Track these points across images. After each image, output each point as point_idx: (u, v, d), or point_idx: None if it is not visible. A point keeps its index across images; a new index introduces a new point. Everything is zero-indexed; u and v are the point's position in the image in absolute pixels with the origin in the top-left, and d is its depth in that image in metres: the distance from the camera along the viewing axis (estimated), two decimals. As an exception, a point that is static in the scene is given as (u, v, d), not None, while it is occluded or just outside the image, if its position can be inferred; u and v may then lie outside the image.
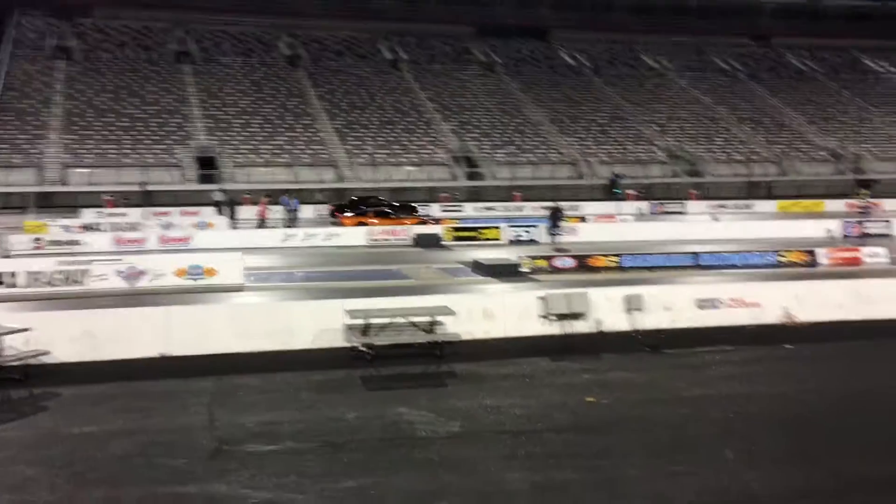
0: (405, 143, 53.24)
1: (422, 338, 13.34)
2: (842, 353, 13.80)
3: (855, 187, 44.08)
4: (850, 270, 23.13)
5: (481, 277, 21.78)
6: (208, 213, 36.47)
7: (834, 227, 32.42)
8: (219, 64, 59.75)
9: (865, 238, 30.74)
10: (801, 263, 24.32)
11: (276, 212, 35.33)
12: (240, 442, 9.34)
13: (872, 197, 41.69)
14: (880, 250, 25.19)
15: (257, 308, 16.27)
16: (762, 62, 75.16)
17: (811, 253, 24.77)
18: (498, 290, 19.01)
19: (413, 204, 37.75)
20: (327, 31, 66.44)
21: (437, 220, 35.77)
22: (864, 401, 10.96)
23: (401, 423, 10.12)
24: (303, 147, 50.81)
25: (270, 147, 50.19)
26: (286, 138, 51.38)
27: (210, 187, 41.62)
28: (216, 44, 62.64)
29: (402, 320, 13.46)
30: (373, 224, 32.52)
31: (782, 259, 24.48)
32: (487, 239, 30.88)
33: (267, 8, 64.65)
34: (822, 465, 8.65)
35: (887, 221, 34.31)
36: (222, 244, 26.94)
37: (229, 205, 35.49)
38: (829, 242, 28.06)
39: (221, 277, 20.09)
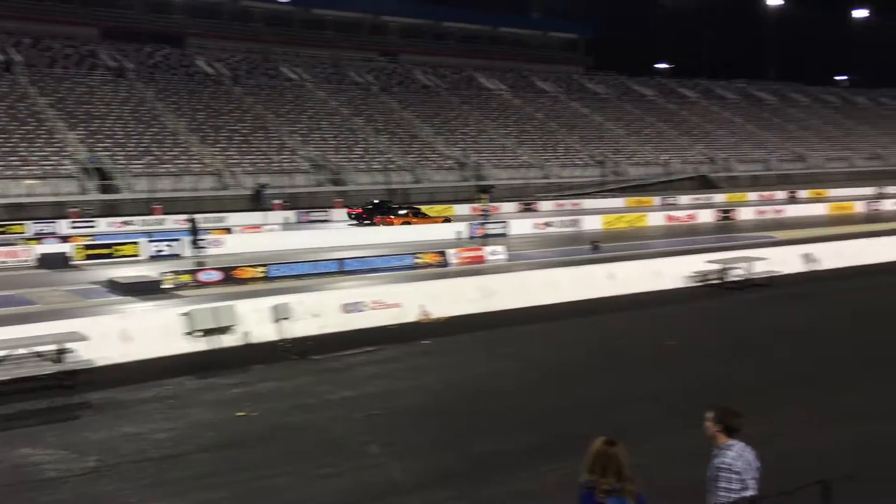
0: (24, 154, 47.72)
1: (49, 368, 12.06)
2: (474, 343, 15.21)
3: (477, 193, 48.86)
4: (476, 268, 25.62)
5: (119, 297, 20.32)
6: None
7: (462, 229, 35.70)
8: None
9: (487, 238, 34.26)
10: (434, 264, 26.37)
11: None
12: None
13: (492, 201, 46.54)
14: (499, 249, 28.26)
15: None
16: (393, 77, 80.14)
17: (442, 254, 27.00)
18: (137, 310, 17.89)
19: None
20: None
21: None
22: (490, 384, 12.19)
23: (25, 465, 9.06)
24: None
25: None
26: None
27: None
28: None
29: (23, 351, 12.05)
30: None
31: (419, 261, 26.33)
32: (125, 256, 28.89)
33: None
34: (456, 448, 9.44)
35: (504, 223, 38.63)
36: None
37: None
38: (458, 243, 30.86)
39: None
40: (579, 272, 20.61)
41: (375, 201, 44.03)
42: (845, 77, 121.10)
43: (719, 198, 60.59)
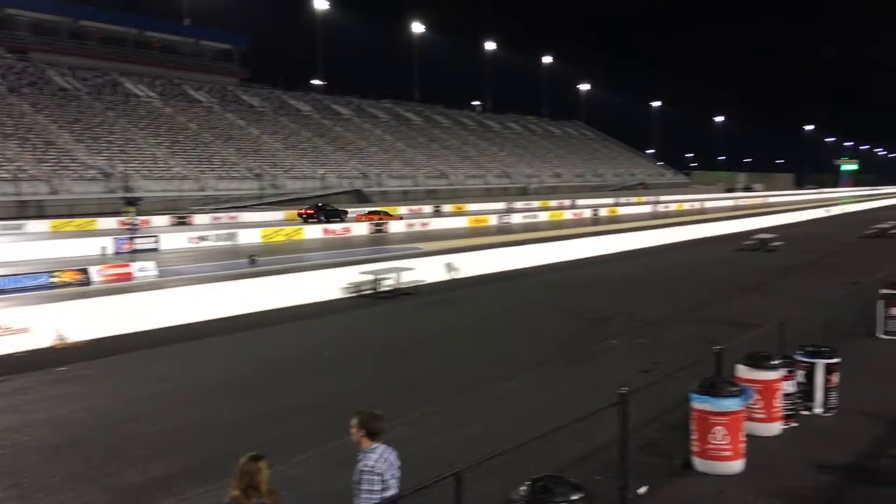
0: None
1: None
2: (119, 366, 14.09)
3: (124, 205, 45.71)
4: (123, 286, 23.90)
5: None
6: None
7: (107, 244, 33.10)
8: None
9: (136, 254, 32.19)
10: (74, 282, 24.09)
11: None
12: None
13: (140, 214, 43.87)
14: (150, 265, 26.69)
15: None
16: (23, 76, 72.06)
17: (84, 271, 24.78)
18: None
19: None
20: None
21: None
22: (139, 408, 11.40)
23: None
24: None
25: None
26: None
27: None
28: None
29: None
30: None
31: (55, 280, 23.86)
32: None
33: None
34: (97, 481, 8.66)
35: (155, 237, 36.60)
36: None
37: None
38: (102, 260, 28.53)
39: None
40: (234, 286, 20.22)
41: (319, 204, 54.49)
42: (479, 102, 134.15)
43: (373, 211, 63.41)
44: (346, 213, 53.51)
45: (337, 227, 46.85)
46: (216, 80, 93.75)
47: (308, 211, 52.21)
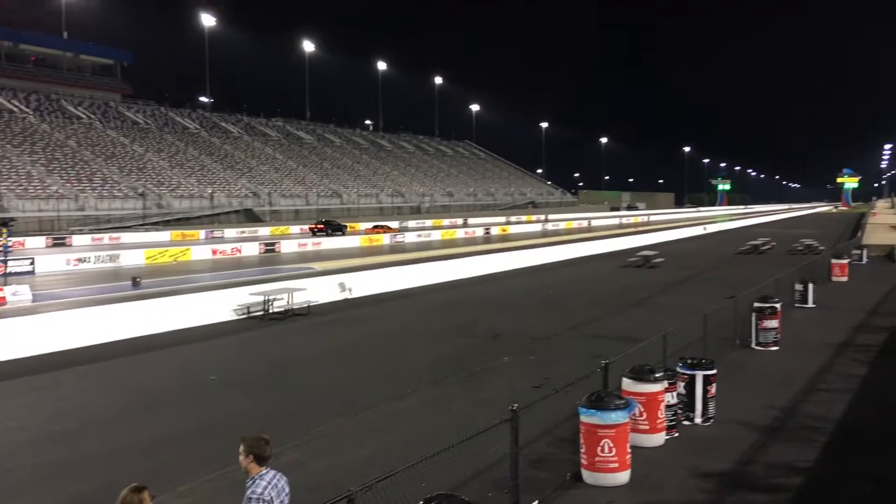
0: None
1: None
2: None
3: (-5, 226, 43.09)
4: (-6, 311, 22.48)
5: None
6: None
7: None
8: None
9: (9, 277, 30.39)
10: (-62, 309, 22.51)
11: None
12: None
13: (14, 235, 41.53)
14: (23, 288, 25.26)
15: None
16: None
17: (-51, 297, 23.20)
18: None
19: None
20: None
21: None
22: (14, 441, 10.72)
23: None
24: None
25: None
26: None
27: None
28: None
29: None
30: None
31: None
32: None
33: None
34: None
35: (30, 259, 34.70)
36: None
37: None
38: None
39: None
40: (116, 310, 19.37)
41: (324, 220, 65.73)
42: (370, 122, 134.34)
43: (264, 231, 62.38)
44: (346, 227, 63.99)
45: (227, 247, 45.72)
46: (97, 96, 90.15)
47: (318, 226, 62.14)
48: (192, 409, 12.30)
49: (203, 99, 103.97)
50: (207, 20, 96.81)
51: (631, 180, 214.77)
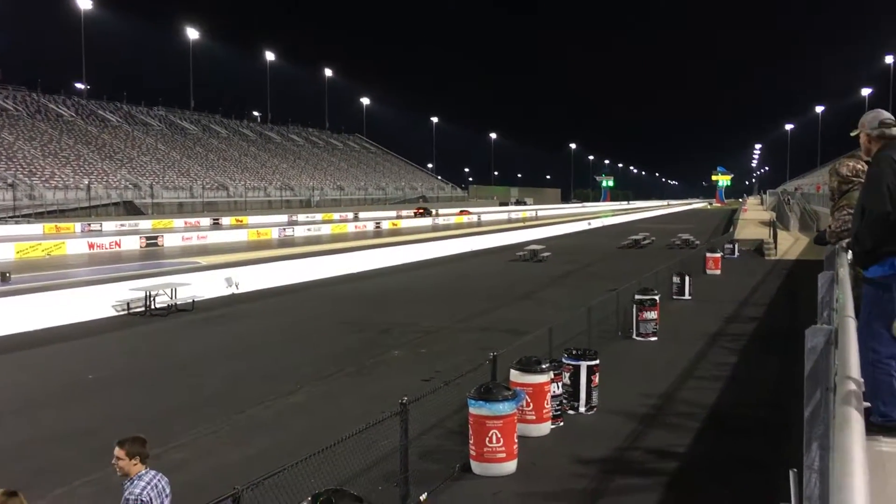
0: None
1: None
2: None
3: None
4: None
5: None
6: None
7: None
8: None
9: None
10: None
11: None
12: None
13: None
14: None
15: None
16: None
17: None
18: None
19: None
20: None
21: None
22: None
23: None
24: None
25: None
26: None
27: None
28: None
29: None
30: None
31: None
32: None
33: None
34: None
35: None
36: None
37: None
38: None
39: None
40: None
41: (422, 206, 76.68)
42: (258, 113, 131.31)
43: (145, 224, 60.06)
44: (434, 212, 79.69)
45: (105, 240, 43.74)
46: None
47: (419, 210, 79.99)
48: (69, 410, 11.74)
49: (79, 86, 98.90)
50: (83, 2, 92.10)
51: (520, 175, 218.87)
